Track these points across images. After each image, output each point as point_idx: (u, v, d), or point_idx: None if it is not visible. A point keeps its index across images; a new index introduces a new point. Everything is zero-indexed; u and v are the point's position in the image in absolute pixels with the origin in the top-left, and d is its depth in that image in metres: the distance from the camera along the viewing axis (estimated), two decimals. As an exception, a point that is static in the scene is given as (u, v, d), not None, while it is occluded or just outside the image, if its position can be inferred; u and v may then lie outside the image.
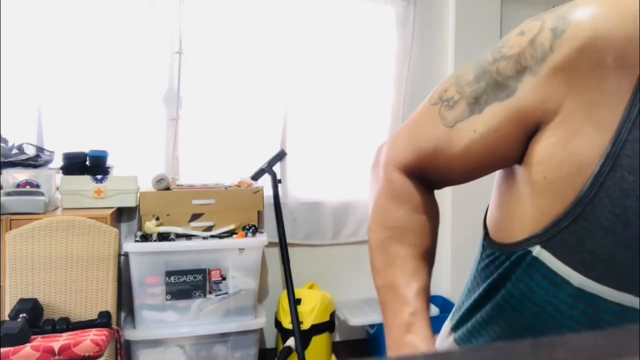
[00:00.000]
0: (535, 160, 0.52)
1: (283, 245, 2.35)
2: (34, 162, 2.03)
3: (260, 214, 2.41)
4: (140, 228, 2.25)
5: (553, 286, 0.53)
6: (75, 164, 2.11)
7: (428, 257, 0.64)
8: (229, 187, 2.34)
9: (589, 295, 0.51)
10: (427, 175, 0.63)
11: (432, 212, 0.65)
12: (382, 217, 0.64)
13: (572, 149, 0.49)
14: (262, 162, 2.41)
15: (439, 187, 0.65)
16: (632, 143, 0.47)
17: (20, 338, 1.60)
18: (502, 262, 0.59)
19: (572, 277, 0.52)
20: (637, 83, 0.47)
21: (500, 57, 0.54)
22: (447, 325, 0.73)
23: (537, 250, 0.54)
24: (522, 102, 0.51)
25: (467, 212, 2.74)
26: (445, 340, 0.72)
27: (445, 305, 2.62)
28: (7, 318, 1.74)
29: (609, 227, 0.48)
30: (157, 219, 2.17)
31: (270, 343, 2.59)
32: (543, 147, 0.51)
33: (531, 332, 0.57)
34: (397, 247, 0.62)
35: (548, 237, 0.52)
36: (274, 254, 2.55)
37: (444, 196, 2.84)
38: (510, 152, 0.55)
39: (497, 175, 0.63)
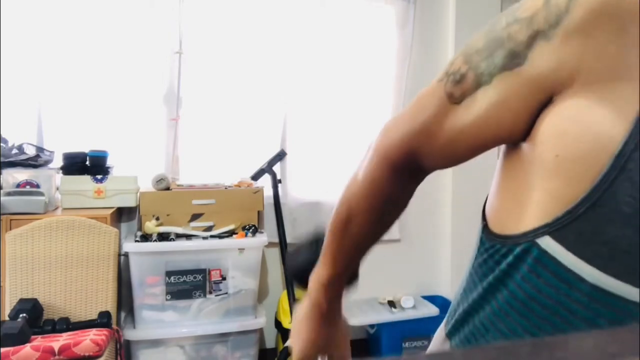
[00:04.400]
0: (546, 136, 0.47)
1: (283, 245, 2.35)
2: (34, 162, 2.03)
3: (260, 214, 2.41)
4: (140, 228, 2.24)
5: (565, 284, 0.47)
6: (75, 164, 2.11)
7: (363, 248, 0.69)
8: (229, 187, 2.34)
9: (606, 294, 0.46)
10: (420, 160, 0.58)
11: (394, 212, 0.67)
12: (348, 199, 0.66)
13: (589, 123, 0.43)
14: (262, 162, 2.40)
15: (431, 171, 0.61)
16: None
17: (20, 338, 1.60)
18: (503, 255, 0.53)
19: (586, 272, 0.46)
20: None
21: (513, 21, 0.48)
22: (441, 330, 0.68)
23: (546, 242, 0.48)
24: (533, 71, 0.46)
25: (468, 212, 2.74)
26: (440, 347, 0.67)
27: (444, 305, 2.62)
28: (7, 318, 1.74)
29: (630, 215, 0.42)
30: (157, 219, 2.17)
31: (270, 343, 2.59)
32: (555, 121, 0.46)
33: (538, 338, 0.51)
34: (344, 230, 0.67)
35: (560, 225, 0.46)
36: (274, 254, 2.55)
37: (444, 197, 2.84)
38: (519, 125, 0.49)
39: (499, 157, 0.58)
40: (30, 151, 2.08)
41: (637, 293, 0.45)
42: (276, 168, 2.44)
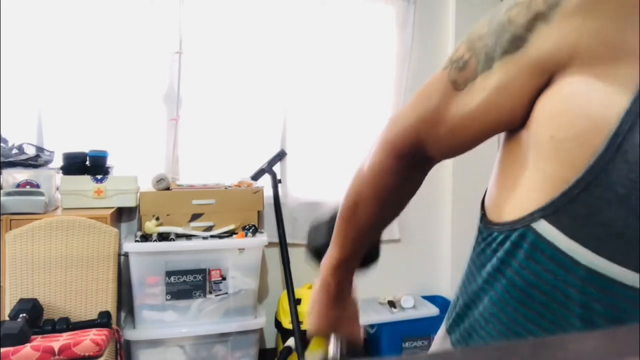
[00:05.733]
0: (542, 117, 0.46)
1: (283, 245, 2.35)
2: (34, 162, 2.03)
3: (260, 214, 2.41)
4: (140, 228, 2.24)
5: (562, 269, 0.47)
6: (75, 164, 2.11)
7: (370, 234, 0.72)
8: (229, 187, 2.34)
9: (600, 277, 0.45)
10: (425, 148, 0.58)
11: (400, 201, 0.68)
12: (355, 190, 0.68)
13: (585, 104, 0.43)
14: (262, 162, 2.41)
15: (437, 160, 0.61)
16: None
17: (20, 338, 1.60)
18: (500, 243, 0.53)
19: (581, 255, 0.45)
20: None
21: (513, 5, 0.48)
22: (442, 327, 0.68)
23: (542, 226, 0.47)
24: (533, 53, 0.46)
25: (468, 212, 2.74)
26: (441, 344, 0.67)
27: (444, 305, 2.62)
28: (7, 318, 1.74)
29: (625, 196, 0.42)
30: (157, 219, 2.17)
31: (270, 343, 2.59)
32: (551, 103, 0.46)
33: (539, 325, 0.50)
34: (351, 216, 0.69)
35: (555, 208, 0.46)
36: (274, 254, 2.55)
37: (444, 197, 2.84)
38: (519, 110, 0.49)
39: (499, 148, 0.58)
40: (30, 151, 2.08)
41: (632, 276, 0.44)
42: (276, 168, 2.44)
